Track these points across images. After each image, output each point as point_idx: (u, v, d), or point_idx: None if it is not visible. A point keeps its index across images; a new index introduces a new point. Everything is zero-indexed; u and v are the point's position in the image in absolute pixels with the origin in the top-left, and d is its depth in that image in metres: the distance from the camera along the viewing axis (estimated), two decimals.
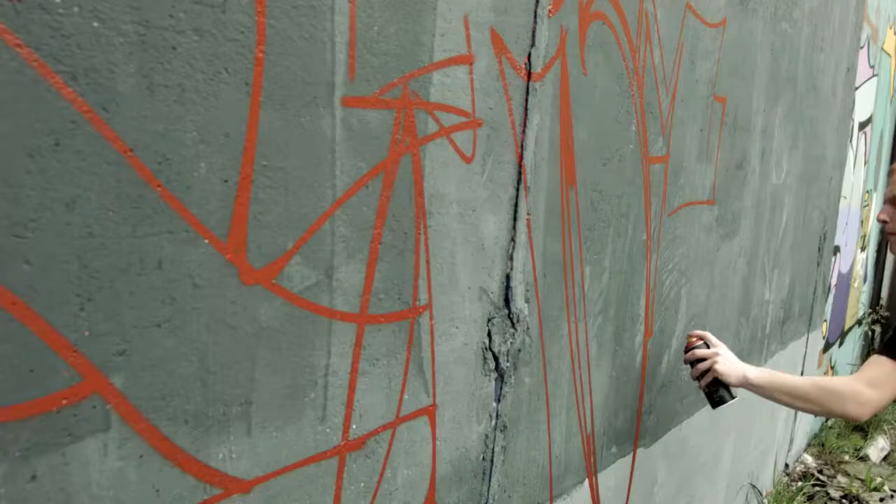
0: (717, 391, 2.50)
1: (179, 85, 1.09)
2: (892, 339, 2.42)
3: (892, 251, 2.70)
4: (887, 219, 2.58)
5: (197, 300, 1.17)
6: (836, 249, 5.73)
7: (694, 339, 2.57)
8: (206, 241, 1.16)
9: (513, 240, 1.87)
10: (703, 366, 2.51)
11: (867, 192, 6.77)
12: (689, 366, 2.59)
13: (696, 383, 2.57)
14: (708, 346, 2.55)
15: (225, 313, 1.21)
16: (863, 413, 2.34)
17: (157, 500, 1.16)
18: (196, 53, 1.10)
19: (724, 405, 2.52)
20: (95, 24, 0.98)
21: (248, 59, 1.18)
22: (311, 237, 1.34)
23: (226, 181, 1.17)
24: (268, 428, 1.32)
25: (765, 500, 4.69)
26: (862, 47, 5.57)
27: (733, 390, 2.52)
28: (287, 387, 1.35)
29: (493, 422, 1.91)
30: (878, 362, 2.36)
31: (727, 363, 2.49)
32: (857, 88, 5.55)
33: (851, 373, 7.19)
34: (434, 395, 1.70)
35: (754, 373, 2.47)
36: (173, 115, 1.09)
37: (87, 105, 0.99)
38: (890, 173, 2.62)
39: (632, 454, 2.76)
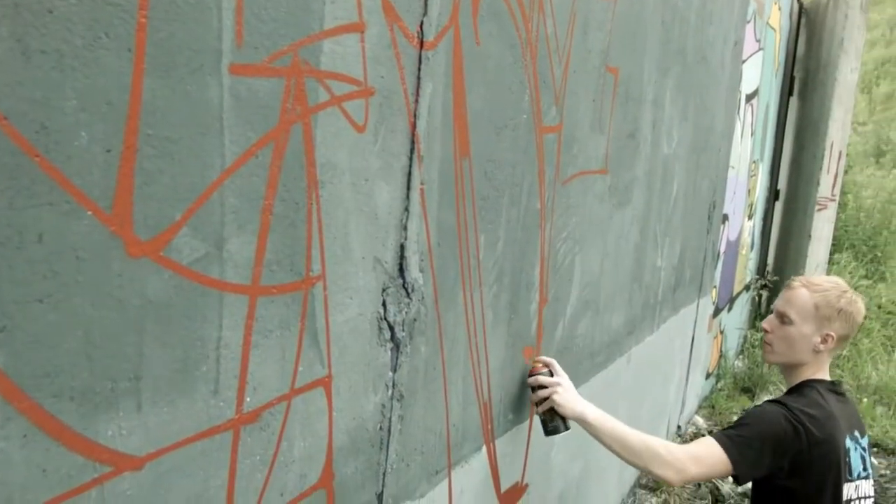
0: (552, 419, 2.61)
1: (57, 50, 1.05)
2: (728, 429, 2.58)
3: (762, 358, 2.85)
4: (769, 329, 2.76)
5: (80, 274, 1.13)
6: (725, 217, 5.90)
7: (539, 366, 2.67)
8: (90, 212, 1.13)
9: (406, 209, 1.87)
10: (542, 393, 2.61)
11: (754, 161, 6.98)
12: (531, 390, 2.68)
13: (536, 407, 2.67)
14: (552, 374, 2.65)
15: (111, 287, 1.18)
16: (676, 481, 2.50)
17: (45, 481, 1.13)
18: (74, 17, 1.06)
19: (557, 435, 2.63)
20: None
21: (129, 24, 1.14)
22: (200, 208, 1.31)
23: (109, 151, 1.14)
24: (159, 403, 1.30)
25: None
26: (748, 21, 5.72)
27: (568, 421, 2.61)
28: (178, 360, 1.32)
29: (390, 391, 1.92)
30: (709, 444, 2.50)
31: (566, 395, 2.59)
32: (744, 61, 5.70)
33: (739, 336, 7.44)
34: (329, 366, 1.70)
35: (592, 412, 2.57)
36: (51, 82, 1.05)
37: None
38: (785, 287, 2.78)
39: (529, 420, 2.81)
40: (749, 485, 4.76)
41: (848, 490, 2.60)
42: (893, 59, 26.90)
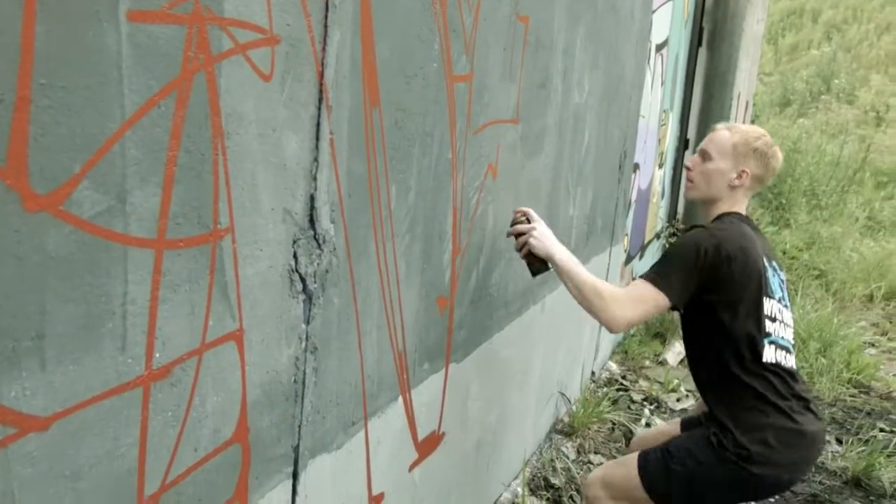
0: (533, 262, 2.83)
1: None
2: (651, 269, 2.77)
3: (685, 195, 3.05)
4: (691, 166, 2.99)
5: None
6: (636, 166, 5.98)
7: (518, 215, 2.89)
8: None
9: (316, 160, 1.84)
10: (521, 239, 2.83)
11: (664, 111, 7.07)
12: (514, 239, 2.89)
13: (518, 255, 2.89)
14: (529, 221, 2.85)
15: (8, 243, 1.14)
16: (616, 324, 2.69)
17: None
18: None
19: (540, 274, 2.89)
20: None
21: None
22: (101, 160, 1.27)
23: (0, 101, 1.10)
24: (64, 361, 1.27)
25: (573, 407, 4.92)
26: None
27: (548, 263, 2.83)
28: (82, 317, 1.29)
29: (304, 344, 1.91)
30: (641, 286, 2.72)
31: (540, 238, 2.80)
32: (653, 11, 5.74)
33: None
34: (240, 320, 1.68)
35: (559, 254, 2.79)
36: None
37: None
38: (711, 130, 3.01)
39: (444, 369, 2.83)
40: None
41: (770, 306, 2.78)
42: (798, 10, 27.50)
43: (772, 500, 4.33)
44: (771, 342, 2.74)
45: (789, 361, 2.80)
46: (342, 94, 1.92)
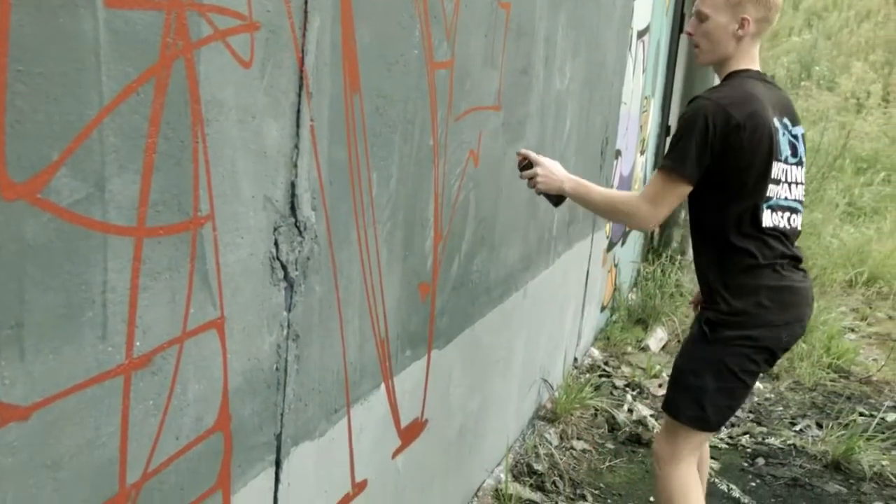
0: (550, 197, 3.02)
1: None
2: (667, 155, 2.75)
3: (696, 64, 3.00)
4: (692, 31, 2.89)
5: None
6: (618, 153, 5.98)
7: (519, 158, 3.01)
8: None
9: (296, 147, 1.84)
10: (530, 183, 3.00)
11: (646, 97, 7.08)
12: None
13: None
14: (531, 164, 2.97)
15: None
16: (648, 225, 2.82)
17: None
18: None
19: (563, 203, 3.06)
20: None
21: None
22: (79, 147, 1.26)
23: None
24: (43, 350, 1.26)
25: (556, 393, 4.94)
26: None
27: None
28: (62, 306, 1.28)
29: (285, 331, 1.90)
30: (660, 181, 2.73)
31: (546, 180, 2.94)
32: None
33: (633, 270, 7.55)
34: (222, 308, 1.67)
35: (569, 189, 2.93)
36: None
37: None
38: None
39: (426, 356, 2.83)
40: (644, 412, 4.91)
41: (776, 169, 2.75)
42: None
43: (752, 484, 4.36)
44: (769, 206, 2.74)
45: (793, 222, 2.82)
46: (323, 81, 1.91)
